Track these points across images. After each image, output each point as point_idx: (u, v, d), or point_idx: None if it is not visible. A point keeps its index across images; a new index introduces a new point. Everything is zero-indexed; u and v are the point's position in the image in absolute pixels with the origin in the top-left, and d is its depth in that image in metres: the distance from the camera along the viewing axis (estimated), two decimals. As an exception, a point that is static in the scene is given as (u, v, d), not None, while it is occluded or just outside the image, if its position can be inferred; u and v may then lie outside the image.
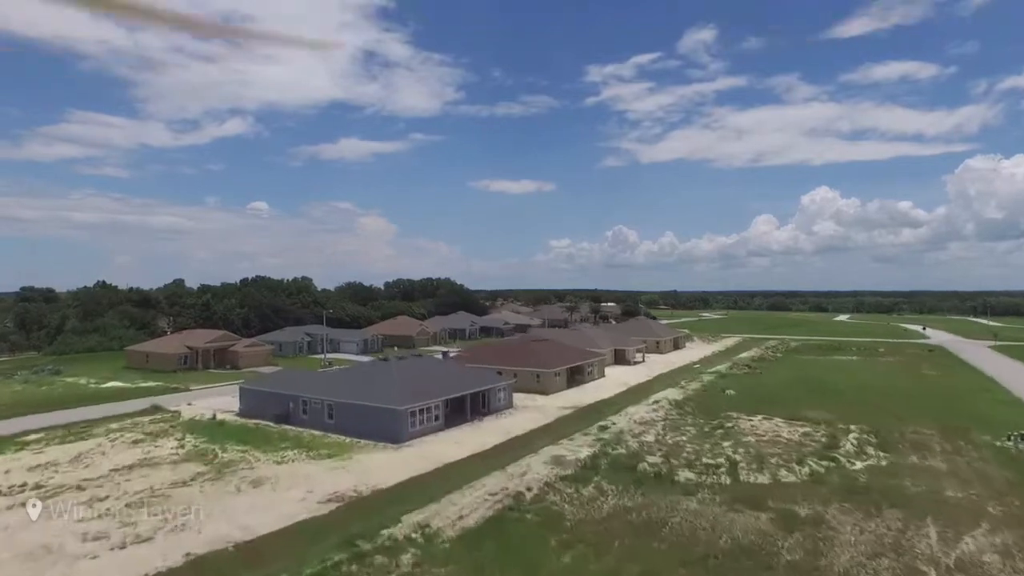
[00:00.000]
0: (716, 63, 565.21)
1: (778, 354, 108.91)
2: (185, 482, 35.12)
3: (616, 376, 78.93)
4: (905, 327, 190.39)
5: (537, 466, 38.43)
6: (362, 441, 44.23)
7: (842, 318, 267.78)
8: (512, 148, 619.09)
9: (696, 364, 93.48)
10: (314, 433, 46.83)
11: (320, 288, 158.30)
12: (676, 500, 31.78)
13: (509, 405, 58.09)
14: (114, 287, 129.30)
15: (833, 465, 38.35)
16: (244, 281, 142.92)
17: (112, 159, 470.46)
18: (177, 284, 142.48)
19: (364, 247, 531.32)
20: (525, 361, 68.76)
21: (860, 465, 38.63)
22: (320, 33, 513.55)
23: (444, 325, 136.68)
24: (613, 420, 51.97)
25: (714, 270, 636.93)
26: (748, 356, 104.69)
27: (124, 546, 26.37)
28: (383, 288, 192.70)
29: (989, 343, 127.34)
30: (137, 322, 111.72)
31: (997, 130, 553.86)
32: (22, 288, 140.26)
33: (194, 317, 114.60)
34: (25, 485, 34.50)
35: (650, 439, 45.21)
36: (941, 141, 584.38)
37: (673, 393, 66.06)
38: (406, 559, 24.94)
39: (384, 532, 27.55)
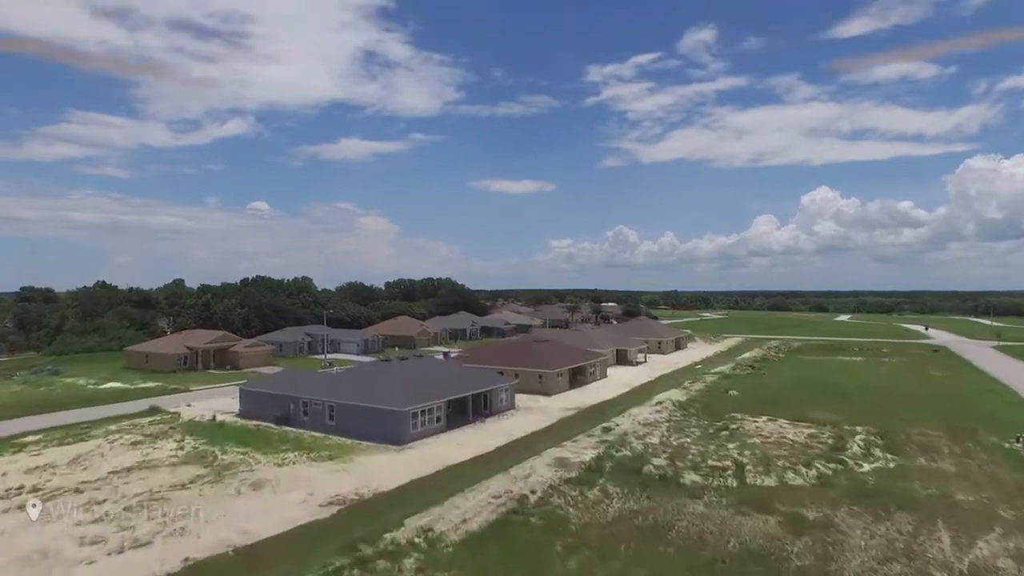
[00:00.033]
0: (716, 63, 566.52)
1: (780, 354, 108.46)
2: (184, 485, 34.67)
3: (618, 377, 78.50)
4: (906, 327, 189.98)
5: (541, 468, 38.00)
6: (363, 443, 43.80)
7: (843, 318, 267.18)
8: (512, 148, 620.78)
9: (698, 365, 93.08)
10: (315, 435, 46.40)
11: (320, 288, 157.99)
12: (682, 503, 31.34)
13: (511, 406, 57.66)
14: (114, 287, 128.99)
15: (840, 467, 37.92)
16: (244, 281, 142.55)
17: (112, 159, 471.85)
18: (177, 284, 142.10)
19: (364, 247, 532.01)
20: (527, 362, 68.32)
21: (868, 467, 38.17)
22: (320, 33, 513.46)
23: (445, 325, 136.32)
24: (617, 421, 51.52)
25: (714, 270, 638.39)
26: (750, 356, 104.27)
27: (122, 551, 25.96)
28: (384, 288, 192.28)
29: (992, 343, 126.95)
30: (137, 322, 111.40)
31: (997, 130, 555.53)
32: (22, 288, 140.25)
33: (194, 317, 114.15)
34: (22, 488, 34.10)
35: (655, 441, 44.74)
36: (941, 141, 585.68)
37: (676, 394, 65.62)
38: (409, 564, 24.53)
39: (387, 536, 27.16)
